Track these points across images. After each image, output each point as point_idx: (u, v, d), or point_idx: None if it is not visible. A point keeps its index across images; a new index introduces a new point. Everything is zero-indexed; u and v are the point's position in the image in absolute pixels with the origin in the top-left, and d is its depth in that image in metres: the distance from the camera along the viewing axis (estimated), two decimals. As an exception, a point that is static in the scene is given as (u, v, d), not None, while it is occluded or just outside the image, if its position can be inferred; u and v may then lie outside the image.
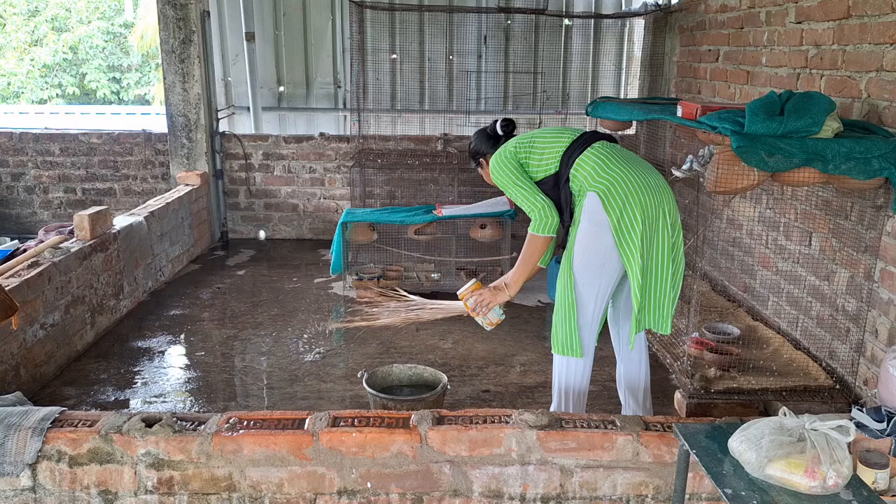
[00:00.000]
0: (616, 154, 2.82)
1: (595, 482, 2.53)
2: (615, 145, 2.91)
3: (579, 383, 2.94)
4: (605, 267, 2.78)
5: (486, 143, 3.09)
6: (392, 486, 2.53)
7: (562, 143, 2.86)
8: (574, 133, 2.91)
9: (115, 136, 6.80)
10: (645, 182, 2.73)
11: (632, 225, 2.69)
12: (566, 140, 2.87)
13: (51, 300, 3.75)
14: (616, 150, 2.85)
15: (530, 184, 2.87)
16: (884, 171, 2.63)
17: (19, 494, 2.52)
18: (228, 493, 2.53)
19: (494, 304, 3.00)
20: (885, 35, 2.96)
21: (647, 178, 2.76)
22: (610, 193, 2.71)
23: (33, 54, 15.72)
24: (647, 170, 2.82)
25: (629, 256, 2.72)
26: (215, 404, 3.53)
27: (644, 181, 2.74)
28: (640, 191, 2.71)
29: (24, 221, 6.86)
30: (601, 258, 2.77)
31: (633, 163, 2.82)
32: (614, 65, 6.92)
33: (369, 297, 4.24)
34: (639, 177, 2.74)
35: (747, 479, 2.08)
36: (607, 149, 2.83)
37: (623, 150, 2.89)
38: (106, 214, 4.46)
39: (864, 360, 3.11)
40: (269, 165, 6.53)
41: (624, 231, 2.71)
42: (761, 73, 4.07)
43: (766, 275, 3.96)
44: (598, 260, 2.78)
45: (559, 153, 2.85)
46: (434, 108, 6.79)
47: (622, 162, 2.78)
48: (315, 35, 6.96)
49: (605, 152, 2.81)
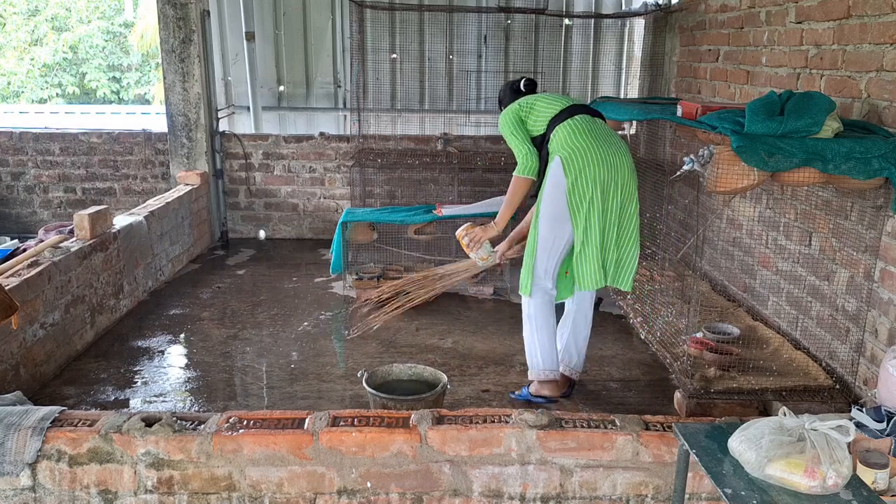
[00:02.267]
0: (588, 128, 3.23)
1: (595, 482, 2.53)
2: (595, 120, 3.31)
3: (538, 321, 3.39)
4: (563, 222, 3.25)
5: (509, 96, 3.54)
6: (392, 485, 2.53)
7: (552, 110, 3.31)
8: (566, 102, 3.35)
9: (115, 136, 6.80)
10: (604, 156, 3.16)
11: (584, 190, 3.16)
12: (557, 108, 3.31)
13: (51, 300, 3.75)
14: (590, 125, 3.25)
15: (523, 135, 3.33)
16: (884, 171, 2.63)
17: (19, 494, 2.52)
18: (228, 493, 2.53)
19: (485, 238, 3.54)
20: (885, 35, 2.96)
21: (608, 153, 3.18)
22: (571, 160, 3.17)
23: (33, 54, 15.72)
24: (612, 146, 3.21)
25: (575, 215, 3.21)
26: (215, 404, 3.53)
27: (603, 155, 3.16)
28: (597, 163, 3.15)
29: (24, 221, 6.86)
30: (559, 214, 3.24)
31: (601, 138, 3.21)
32: (614, 65, 6.92)
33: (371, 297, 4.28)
34: (600, 151, 3.17)
35: (747, 479, 2.08)
36: (583, 122, 3.25)
37: (598, 125, 3.28)
38: (106, 214, 4.46)
39: (863, 360, 3.11)
40: (269, 165, 6.53)
41: (576, 194, 3.18)
42: (761, 73, 4.07)
43: (766, 275, 3.96)
44: (555, 215, 3.25)
45: (548, 118, 3.30)
46: (434, 107, 6.79)
47: (590, 136, 3.20)
48: (315, 35, 6.96)
49: (579, 125, 3.23)
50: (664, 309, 3.92)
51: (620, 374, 3.88)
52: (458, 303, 4.93)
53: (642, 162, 5.60)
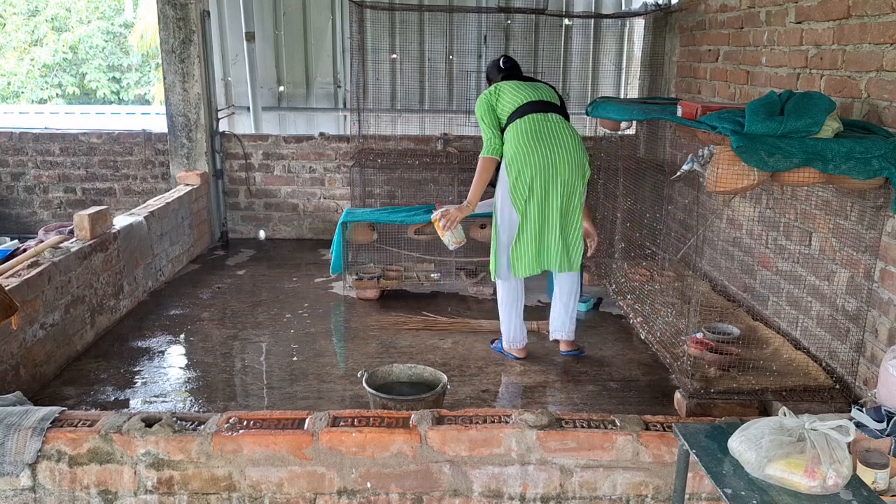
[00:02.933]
0: (533, 129, 3.58)
1: (595, 482, 2.53)
2: (546, 118, 3.62)
3: (506, 302, 3.87)
4: (513, 213, 3.68)
5: (493, 73, 3.95)
6: (392, 485, 2.53)
7: (513, 105, 3.67)
8: (525, 98, 3.66)
9: (115, 136, 6.80)
10: (543, 157, 3.54)
11: (522, 188, 3.59)
12: (516, 103, 3.66)
13: (51, 300, 3.75)
14: (537, 126, 3.59)
15: (490, 120, 3.69)
16: (884, 171, 2.63)
17: (19, 494, 2.52)
18: (228, 493, 2.53)
19: (460, 217, 3.73)
20: (885, 35, 2.96)
21: (549, 154, 3.55)
22: (511, 161, 3.59)
23: (33, 54, 15.72)
24: (555, 146, 3.56)
25: (519, 209, 3.63)
26: (215, 404, 3.53)
27: (542, 157, 3.54)
28: (535, 163, 3.54)
29: (23, 221, 6.86)
30: (509, 206, 3.68)
31: (543, 139, 3.56)
32: (614, 65, 6.92)
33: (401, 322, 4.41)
34: (539, 153, 3.54)
35: (747, 479, 2.08)
36: (529, 123, 3.59)
37: (547, 126, 3.60)
38: (106, 214, 4.46)
39: (864, 360, 3.11)
40: (269, 165, 6.53)
41: (517, 190, 3.60)
42: (761, 73, 4.07)
43: (766, 275, 3.96)
44: (506, 207, 3.70)
45: (509, 112, 3.66)
46: (434, 107, 6.79)
47: (532, 138, 3.56)
48: (315, 35, 6.96)
49: (524, 127, 3.59)
50: (664, 309, 3.92)
51: (620, 374, 3.88)
52: (458, 303, 4.94)
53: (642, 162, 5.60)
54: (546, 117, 3.64)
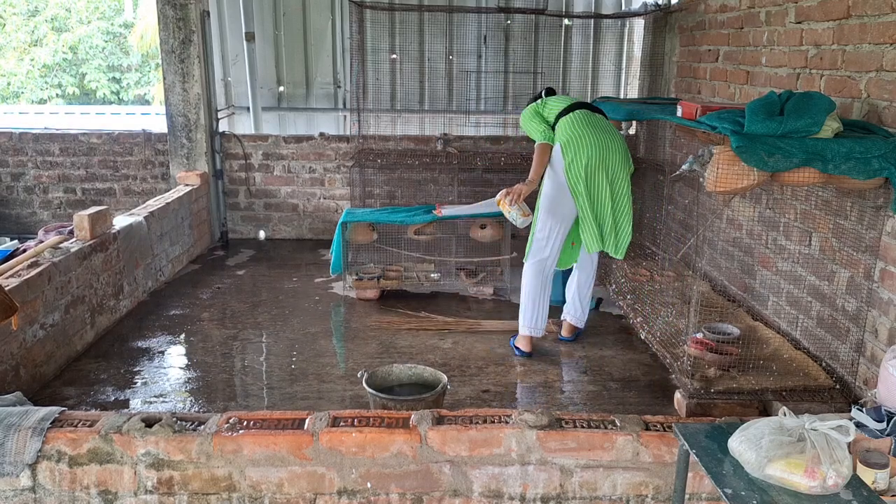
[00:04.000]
0: (586, 120, 3.83)
1: (595, 482, 2.53)
2: (594, 114, 3.91)
3: (528, 286, 4.00)
4: (562, 197, 3.85)
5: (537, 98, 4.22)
6: (392, 486, 2.53)
7: (560, 106, 3.95)
8: (571, 101, 4.00)
9: (114, 136, 6.80)
10: (596, 142, 3.75)
11: (578, 169, 3.76)
12: (563, 104, 3.96)
13: (51, 300, 3.75)
14: (588, 118, 3.85)
15: (539, 119, 3.96)
16: (883, 171, 2.63)
17: (19, 494, 2.52)
18: (228, 494, 2.53)
19: (526, 192, 3.85)
20: (885, 35, 2.96)
21: (601, 139, 3.76)
22: (568, 144, 3.78)
23: (33, 54, 15.71)
24: (606, 134, 3.80)
25: (575, 190, 3.81)
26: (215, 404, 3.53)
27: (596, 141, 3.75)
28: (590, 146, 3.74)
29: (23, 221, 6.86)
30: (558, 190, 3.85)
31: (596, 128, 3.81)
32: (614, 65, 6.92)
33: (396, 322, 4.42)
34: (593, 137, 3.75)
35: (747, 479, 2.08)
36: (581, 115, 3.86)
37: (595, 119, 3.87)
38: (106, 214, 4.46)
39: (864, 360, 3.11)
40: (269, 165, 6.53)
41: (573, 172, 3.78)
42: (761, 73, 4.07)
43: (766, 275, 3.96)
44: (555, 191, 3.86)
45: (556, 112, 3.93)
46: (434, 108, 6.79)
47: (586, 126, 3.80)
48: (315, 35, 6.96)
49: (577, 117, 3.85)
50: (664, 309, 3.92)
51: (620, 374, 3.88)
52: (458, 303, 4.94)
53: (642, 162, 5.60)
54: (593, 113, 3.94)
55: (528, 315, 4.01)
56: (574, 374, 3.91)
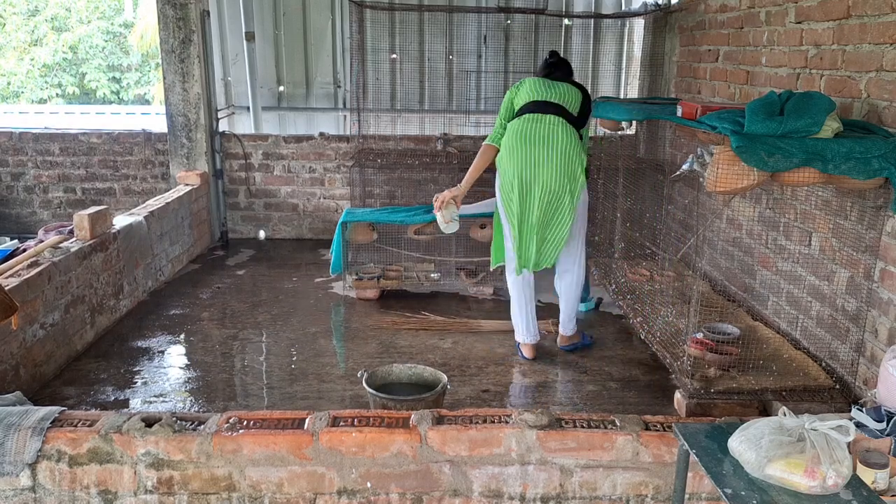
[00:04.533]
0: (525, 128, 3.64)
1: (595, 482, 2.53)
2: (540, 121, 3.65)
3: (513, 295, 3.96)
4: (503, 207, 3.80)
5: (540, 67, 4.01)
6: (392, 485, 2.53)
7: (523, 101, 3.75)
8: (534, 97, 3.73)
9: (114, 136, 6.80)
10: (526, 157, 3.60)
11: (504, 182, 3.71)
12: (526, 100, 3.74)
13: (50, 300, 3.75)
14: (529, 126, 3.64)
15: (504, 112, 3.83)
16: (883, 171, 2.63)
17: (19, 494, 2.52)
18: (228, 493, 2.53)
19: (448, 198, 3.84)
20: (885, 35, 2.96)
21: (533, 154, 3.60)
22: (500, 159, 3.74)
23: (33, 54, 15.71)
24: (543, 148, 3.60)
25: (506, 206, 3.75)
26: (215, 404, 3.53)
27: (526, 156, 3.60)
28: (518, 161, 3.61)
29: (23, 221, 6.86)
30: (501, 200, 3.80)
31: (531, 140, 3.62)
32: (614, 65, 6.92)
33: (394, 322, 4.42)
34: (524, 151, 3.60)
35: (747, 479, 2.08)
36: (523, 123, 3.67)
37: (537, 128, 3.64)
38: (106, 214, 4.46)
39: (863, 360, 3.11)
40: (269, 165, 6.53)
41: (503, 189, 3.74)
42: (761, 73, 4.07)
43: (766, 275, 3.96)
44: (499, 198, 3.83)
45: (519, 106, 3.77)
46: (434, 108, 6.79)
47: (521, 137, 3.63)
48: (315, 35, 6.96)
49: (519, 126, 3.67)
50: (664, 309, 3.92)
51: (620, 374, 3.88)
52: (458, 303, 4.94)
53: (642, 162, 5.60)
54: (542, 118, 3.67)
55: (520, 324, 3.98)
56: (574, 374, 3.91)
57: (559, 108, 3.70)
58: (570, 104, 3.73)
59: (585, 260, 4.01)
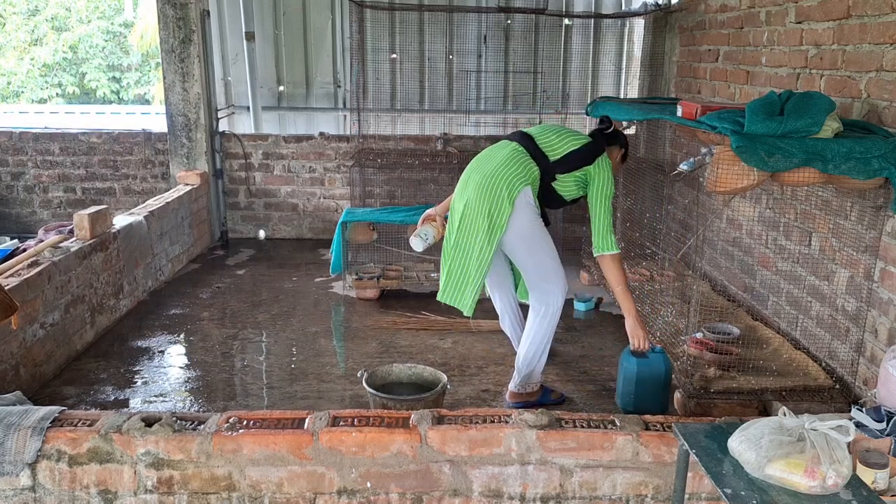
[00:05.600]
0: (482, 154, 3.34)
1: (595, 482, 2.53)
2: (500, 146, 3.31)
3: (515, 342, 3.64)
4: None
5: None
6: (392, 485, 2.53)
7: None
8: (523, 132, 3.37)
9: (114, 136, 6.80)
10: (464, 180, 3.28)
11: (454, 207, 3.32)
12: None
13: (50, 300, 3.75)
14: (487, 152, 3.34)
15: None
16: (883, 171, 2.63)
17: (19, 494, 2.52)
18: (228, 493, 2.53)
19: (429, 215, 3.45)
20: (885, 35, 2.96)
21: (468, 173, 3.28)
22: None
23: (33, 54, 15.71)
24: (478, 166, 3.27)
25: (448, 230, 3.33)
26: (215, 404, 3.53)
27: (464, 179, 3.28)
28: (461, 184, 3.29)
29: (23, 221, 6.86)
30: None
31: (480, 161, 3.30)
32: (614, 65, 6.92)
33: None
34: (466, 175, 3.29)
35: (747, 479, 2.08)
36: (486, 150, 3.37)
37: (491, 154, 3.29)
38: (106, 214, 4.46)
39: (863, 360, 3.11)
40: (269, 165, 6.53)
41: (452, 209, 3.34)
42: (761, 73, 4.07)
43: (766, 275, 3.96)
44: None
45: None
46: (434, 107, 6.79)
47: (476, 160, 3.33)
48: (315, 35, 6.96)
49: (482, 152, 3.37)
50: (664, 309, 3.92)
51: (620, 374, 3.87)
52: (458, 303, 4.93)
53: (642, 162, 5.60)
54: (500, 143, 3.36)
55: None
56: (574, 374, 3.91)
57: (526, 138, 3.28)
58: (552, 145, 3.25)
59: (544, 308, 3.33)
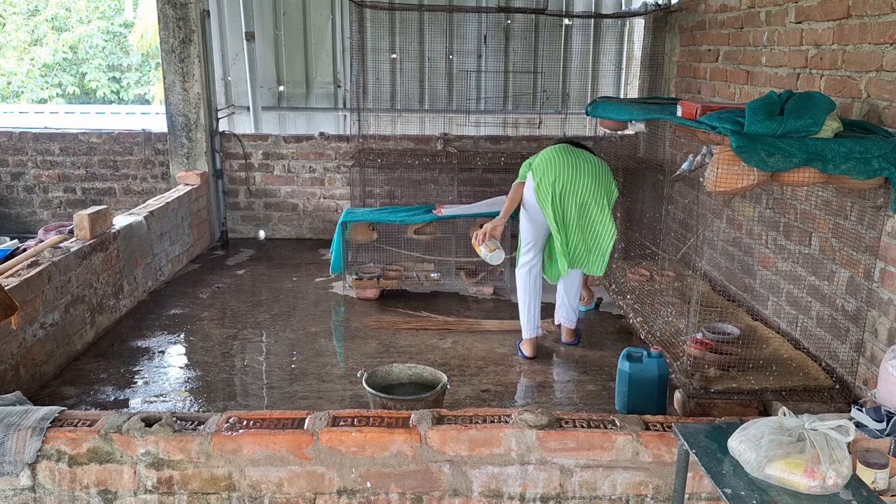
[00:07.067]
0: (561, 149, 3.93)
1: (595, 482, 2.53)
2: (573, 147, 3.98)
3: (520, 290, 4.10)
4: (535, 212, 3.93)
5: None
6: (392, 485, 2.53)
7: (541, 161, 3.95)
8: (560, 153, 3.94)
9: (114, 136, 6.80)
10: (563, 167, 3.83)
11: (545, 189, 3.83)
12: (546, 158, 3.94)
13: (50, 300, 3.75)
14: (565, 148, 3.94)
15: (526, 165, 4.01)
16: (883, 171, 2.63)
17: (19, 494, 2.52)
18: (228, 493, 2.53)
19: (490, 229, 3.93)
20: (885, 35, 2.96)
21: (570, 165, 3.84)
22: (538, 167, 3.89)
23: (33, 54, 15.71)
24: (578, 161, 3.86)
25: (544, 208, 3.86)
26: (215, 404, 3.53)
27: (563, 167, 3.83)
28: (557, 171, 3.82)
29: (23, 221, 6.86)
30: (531, 206, 3.94)
31: (568, 154, 3.89)
32: (614, 65, 6.93)
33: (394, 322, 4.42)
34: (562, 163, 3.84)
35: (747, 479, 2.08)
36: (559, 147, 3.96)
37: (573, 150, 3.94)
38: (106, 214, 4.46)
39: (863, 360, 3.11)
40: (269, 165, 6.53)
41: (541, 191, 3.85)
42: (761, 73, 4.07)
43: (766, 275, 3.96)
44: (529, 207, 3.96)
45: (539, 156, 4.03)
46: (434, 107, 6.79)
47: (559, 153, 3.89)
48: (315, 35, 6.97)
49: (555, 149, 3.95)
50: (664, 309, 3.92)
51: (620, 374, 3.87)
52: (458, 303, 4.94)
53: (642, 162, 5.60)
54: (575, 147, 3.99)
55: (523, 317, 4.07)
56: (574, 374, 3.91)
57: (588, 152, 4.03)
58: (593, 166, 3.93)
59: None
